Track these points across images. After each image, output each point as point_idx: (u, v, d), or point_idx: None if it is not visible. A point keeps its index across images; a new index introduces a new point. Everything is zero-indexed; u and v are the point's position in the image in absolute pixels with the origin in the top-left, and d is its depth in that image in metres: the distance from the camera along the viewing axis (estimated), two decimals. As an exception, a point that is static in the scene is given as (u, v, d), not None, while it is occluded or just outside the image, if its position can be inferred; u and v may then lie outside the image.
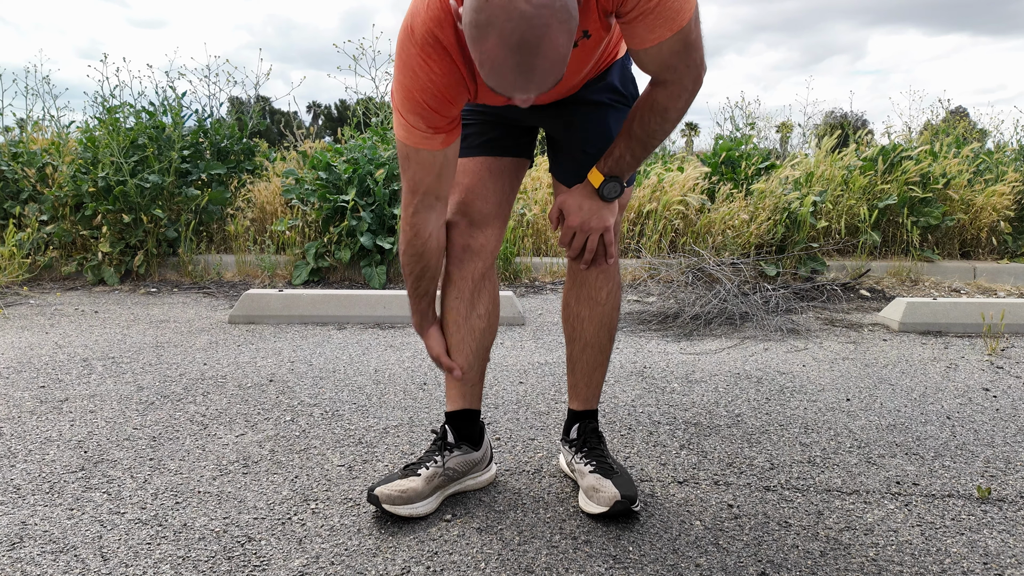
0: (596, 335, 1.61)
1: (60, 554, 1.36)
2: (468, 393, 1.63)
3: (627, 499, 1.47)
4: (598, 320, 1.59)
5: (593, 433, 1.65)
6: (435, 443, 1.62)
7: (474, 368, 1.60)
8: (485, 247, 1.54)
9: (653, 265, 4.57)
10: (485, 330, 1.59)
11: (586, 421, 1.66)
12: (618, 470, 1.57)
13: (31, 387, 2.37)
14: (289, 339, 3.07)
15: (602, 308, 1.58)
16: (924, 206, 5.08)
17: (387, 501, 1.46)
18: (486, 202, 1.53)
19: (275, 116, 12.76)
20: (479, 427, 1.65)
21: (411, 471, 1.54)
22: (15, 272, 4.25)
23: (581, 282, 1.57)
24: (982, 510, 1.59)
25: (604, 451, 1.63)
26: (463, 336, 1.57)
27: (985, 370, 2.73)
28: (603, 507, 1.47)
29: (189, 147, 4.81)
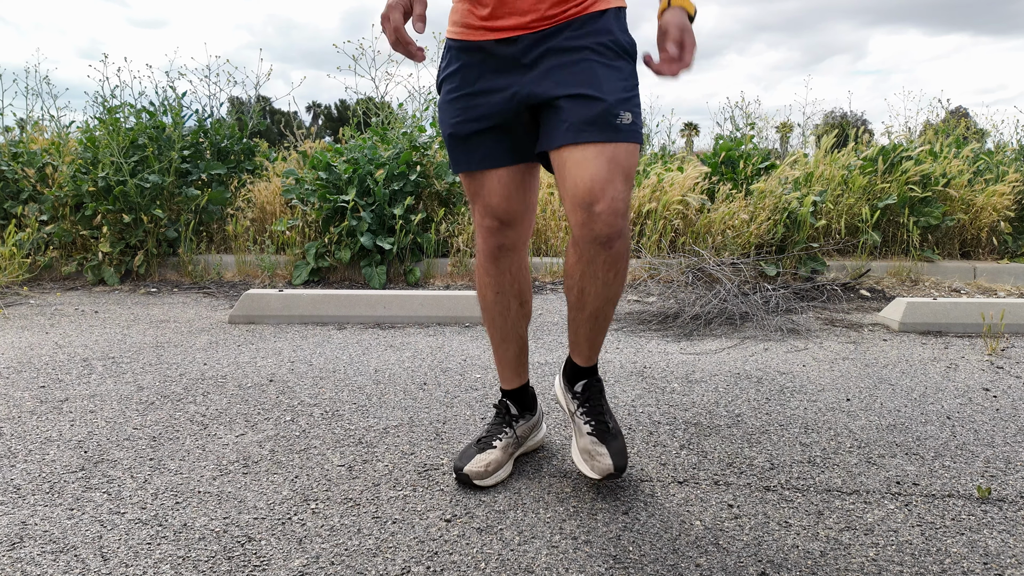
0: (603, 308, 1.57)
1: (60, 554, 1.36)
2: (521, 371, 1.79)
3: (619, 470, 1.57)
4: (604, 296, 1.54)
5: (597, 391, 1.70)
6: (499, 416, 1.77)
7: (524, 350, 1.77)
8: (517, 242, 1.65)
9: (653, 265, 4.57)
10: (527, 315, 1.75)
11: (591, 378, 1.70)
12: (614, 432, 1.64)
13: (31, 387, 2.37)
14: (289, 339, 3.07)
15: (609, 287, 1.53)
16: (924, 206, 5.08)
17: (477, 477, 1.62)
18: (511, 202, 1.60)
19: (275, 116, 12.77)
20: (531, 394, 1.82)
21: (486, 444, 1.69)
22: (15, 272, 4.25)
23: (589, 261, 1.48)
24: (982, 510, 1.59)
25: (603, 408, 1.69)
26: (510, 329, 1.72)
27: (985, 370, 2.73)
28: (596, 475, 1.57)
29: (189, 147, 4.81)
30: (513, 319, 1.71)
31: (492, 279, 1.67)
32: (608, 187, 1.38)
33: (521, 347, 1.76)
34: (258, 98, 5.78)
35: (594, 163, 1.39)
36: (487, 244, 1.64)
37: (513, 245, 1.64)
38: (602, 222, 1.40)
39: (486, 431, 1.75)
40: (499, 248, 1.64)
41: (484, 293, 1.70)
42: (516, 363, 1.77)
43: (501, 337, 1.74)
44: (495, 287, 1.68)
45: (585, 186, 1.39)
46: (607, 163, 1.39)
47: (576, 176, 1.40)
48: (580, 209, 1.41)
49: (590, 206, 1.39)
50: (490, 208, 1.60)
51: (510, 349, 1.75)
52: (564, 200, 1.46)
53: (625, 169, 1.41)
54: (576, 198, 1.41)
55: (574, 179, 1.41)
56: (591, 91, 1.41)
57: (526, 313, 1.73)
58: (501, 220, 1.61)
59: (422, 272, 4.56)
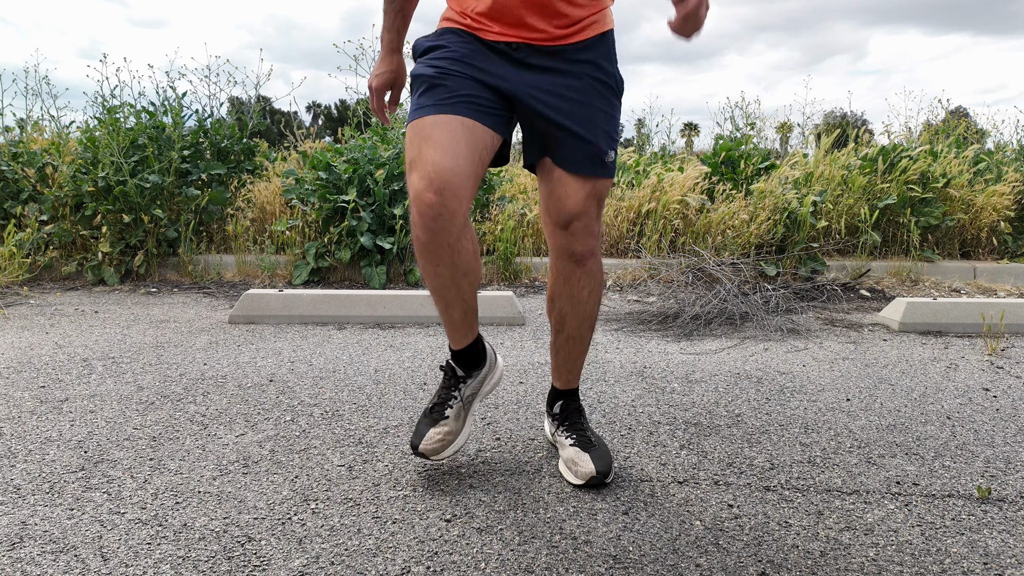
0: (578, 329, 1.74)
1: (60, 554, 1.36)
2: (468, 331, 1.72)
3: (601, 474, 1.64)
4: (580, 316, 1.72)
5: (575, 410, 1.81)
6: (447, 379, 1.76)
7: (470, 312, 1.68)
8: (458, 211, 1.44)
9: (653, 265, 4.57)
10: (472, 283, 1.60)
11: (569, 399, 1.82)
12: (596, 443, 1.73)
13: (31, 387, 2.37)
14: (289, 339, 3.07)
15: (584, 305, 1.70)
16: (924, 206, 5.08)
17: (434, 453, 1.64)
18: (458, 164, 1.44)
19: (275, 116, 12.76)
20: (480, 347, 1.78)
21: (438, 414, 1.70)
22: (15, 272, 4.25)
23: (565, 279, 1.68)
24: (982, 510, 1.59)
25: (583, 425, 1.78)
26: (454, 296, 1.60)
27: (985, 370, 2.73)
28: (580, 480, 1.65)
29: (189, 147, 4.81)
30: (457, 286, 1.58)
31: (431, 252, 1.49)
32: (585, 215, 1.61)
33: (466, 311, 1.66)
34: (258, 98, 5.78)
35: (579, 193, 1.59)
36: (423, 217, 1.43)
37: (452, 215, 1.43)
38: (576, 238, 1.62)
39: (437, 397, 1.73)
40: (435, 220, 1.43)
41: (424, 264, 1.53)
42: (462, 324, 1.69)
43: (445, 303, 1.63)
44: (434, 260, 1.50)
45: (568, 208, 1.60)
46: (588, 195, 1.60)
47: (561, 201, 1.60)
48: (557, 224, 1.62)
49: (568, 222, 1.61)
50: (430, 165, 1.41)
51: (455, 313, 1.65)
52: (546, 217, 1.65)
53: (600, 199, 1.64)
54: (557, 220, 1.62)
55: (559, 198, 1.61)
56: (588, 135, 1.57)
57: (471, 280, 1.59)
58: (438, 189, 1.41)
59: (422, 272, 4.56)
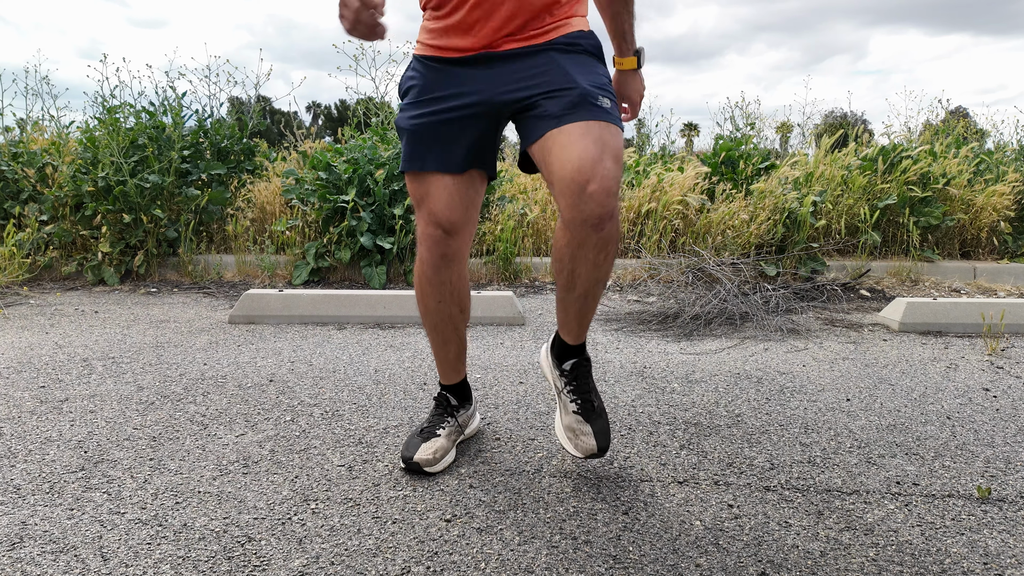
0: (593, 288, 1.55)
1: (60, 554, 1.36)
2: (460, 368, 1.87)
3: (602, 451, 1.65)
4: (595, 277, 1.53)
5: (585, 370, 1.74)
6: (440, 407, 1.85)
7: (462, 349, 1.83)
8: (459, 251, 1.66)
9: (653, 265, 4.57)
10: (466, 319, 1.79)
11: (581, 356, 1.73)
12: (599, 411, 1.69)
13: (31, 387, 2.37)
14: (289, 339, 3.07)
15: (599, 269, 1.51)
16: (924, 206, 5.08)
17: (427, 464, 1.69)
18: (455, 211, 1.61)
19: (275, 116, 12.77)
20: (468, 387, 1.92)
21: (430, 433, 1.77)
22: (15, 272, 4.25)
23: (580, 244, 1.44)
24: (982, 510, 1.59)
25: (590, 387, 1.72)
26: (451, 333, 1.77)
27: (985, 370, 2.73)
28: (580, 453, 1.65)
29: (189, 147, 4.81)
30: (454, 323, 1.76)
31: (434, 288, 1.69)
32: (598, 166, 1.33)
33: (460, 347, 1.81)
34: (258, 98, 5.78)
35: (581, 142, 1.35)
36: (431, 254, 1.64)
37: (455, 255, 1.65)
38: (595, 202, 1.34)
39: (428, 422, 1.82)
40: (442, 258, 1.64)
41: (426, 301, 1.72)
42: (456, 362, 1.84)
43: (443, 340, 1.79)
44: (436, 296, 1.70)
45: (574, 166, 1.33)
46: (594, 142, 1.35)
47: (564, 158, 1.35)
48: (571, 190, 1.35)
49: (582, 187, 1.33)
50: (435, 215, 1.60)
51: (451, 350, 1.81)
52: (552, 185, 1.40)
53: (613, 148, 1.37)
54: (565, 180, 1.35)
55: (561, 161, 1.36)
56: (565, 83, 1.42)
57: (465, 318, 1.78)
58: (445, 229, 1.61)
59: (422, 272, 4.56)
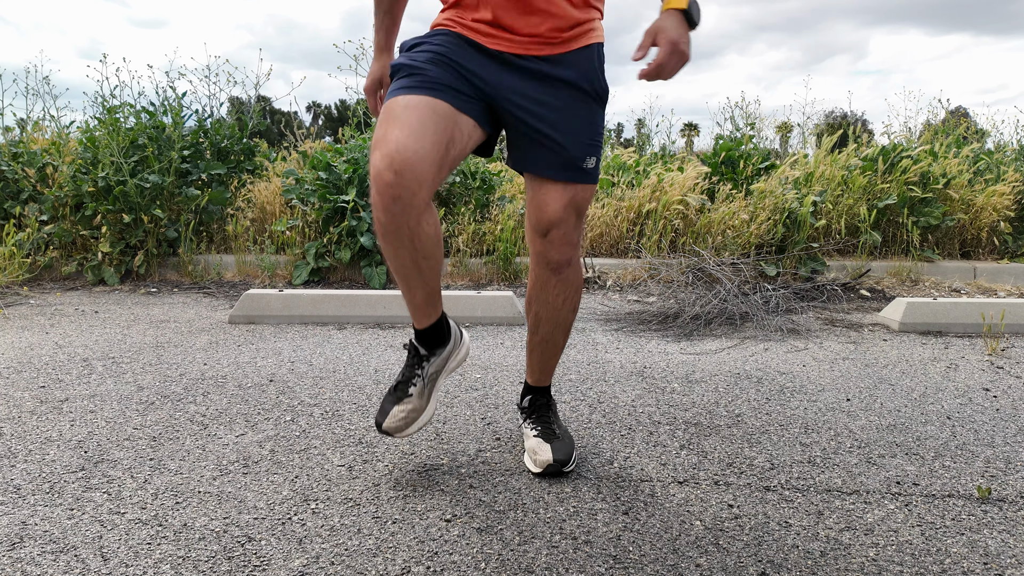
0: (552, 333, 1.77)
1: (60, 554, 1.36)
2: (431, 311, 1.66)
3: (559, 463, 1.69)
4: (554, 321, 1.75)
5: (542, 405, 1.86)
6: (411, 358, 1.73)
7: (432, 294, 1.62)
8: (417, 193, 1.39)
9: (653, 265, 4.57)
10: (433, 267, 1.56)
11: (537, 395, 1.87)
12: (560, 435, 1.78)
13: (31, 387, 2.37)
14: (289, 339, 3.07)
15: (558, 312, 1.74)
16: (924, 206, 5.08)
17: (398, 431, 1.66)
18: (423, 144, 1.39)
19: (275, 116, 12.77)
20: (444, 326, 1.72)
21: (402, 392, 1.69)
22: (15, 272, 4.25)
23: (542, 285, 1.70)
24: (982, 510, 1.59)
25: (550, 419, 1.82)
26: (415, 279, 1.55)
27: (985, 370, 2.73)
28: (538, 468, 1.71)
29: (189, 147, 4.81)
30: (419, 269, 1.53)
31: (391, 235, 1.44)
32: (565, 217, 1.60)
33: (429, 292, 1.61)
34: (258, 98, 5.78)
35: (558, 201, 1.59)
36: (381, 197, 1.38)
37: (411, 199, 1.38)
38: (553, 247, 1.63)
39: (401, 376, 1.71)
40: (394, 202, 1.38)
41: (383, 244, 1.49)
42: (425, 305, 1.64)
43: (407, 285, 1.58)
44: (393, 242, 1.46)
45: (547, 218, 1.60)
46: (567, 203, 1.60)
47: (539, 204, 1.61)
48: (537, 232, 1.63)
49: (547, 230, 1.61)
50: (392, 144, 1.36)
51: (417, 295, 1.61)
52: (527, 222, 1.66)
53: (580, 208, 1.62)
54: (537, 227, 1.63)
55: (537, 206, 1.61)
56: (564, 139, 1.56)
57: (433, 264, 1.54)
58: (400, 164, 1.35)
59: (422, 272, 4.56)
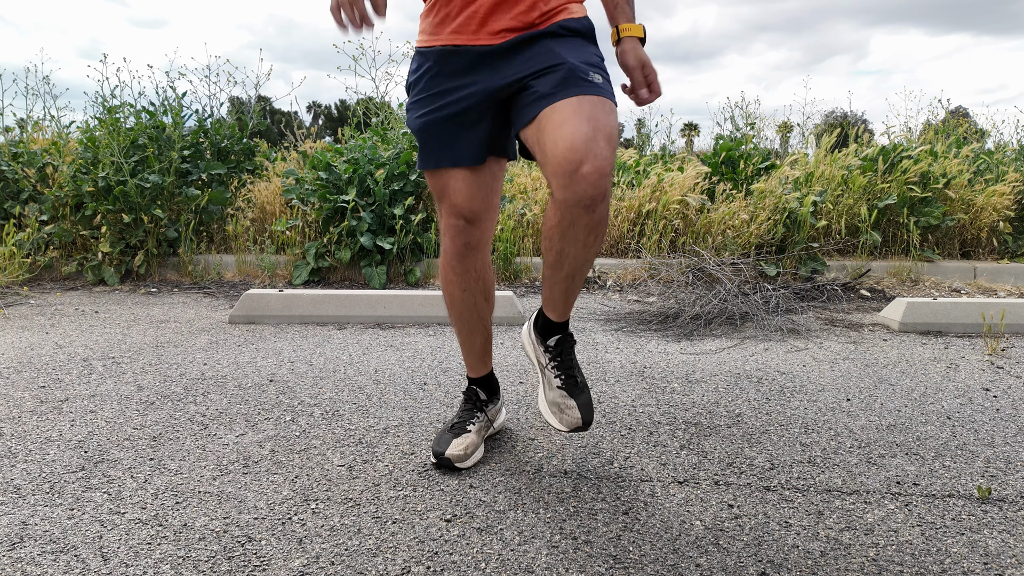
0: (579, 269, 1.57)
1: (60, 554, 1.36)
2: (487, 359, 1.88)
3: (586, 424, 1.65)
4: (583, 258, 1.54)
5: (569, 346, 1.75)
6: (469, 402, 1.86)
7: (488, 340, 1.84)
8: (482, 240, 1.69)
9: (653, 265, 4.57)
10: (491, 307, 1.81)
11: (565, 333, 1.74)
12: (582, 385, 1.70)
13: (31, 387, 2.37)
14: (289, 339, 3.07)
15: (589, 250, 1.52)
16: (924, 206, 5.08)
17: (458, 460, 1.71)
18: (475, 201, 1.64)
19: (275, 116, 12.78)
20: (495, 380, 1.93)
21: (461, 429, 1.79)
22: (15, 272, 4.25)
23: (571, 223, 1.43)
24: (982, 510, 1.59)
25: (574, 363, 1.73)
26: (477, 322, 1.78)
27: (985, 370, 2.73)
28: (564, 427, 1.66)
29: (189, 147, 4.81)
30: (479, 312, 1.78)
31: (459, 277, 1.71)
32: (592, 145, 1.32)
33: (487, 337, 1.83)
34: (258, 98, 5.78)
35: (573, 120, 1.33)
36: (454, 243, 1.67)
37: (478, 243, 1.68)
38: (587, 183, 1.33)
39: (458, 417, 1.84)
40: (465, 247, 1.67)
41: (451, 290, 1.75)
42: (482, 352, 1.85)
43: (469, 330, 1.80)
44: (462, 284, 1.72)
45: (567, 144, 1.32)
46: (586, 120, 1.34)
47: (556, 137, 1.34)
48: (563, 171, 1.34)
49: (575, 167, 1.32)
50: (455, 207, 1.63)
51: (477, 340, 1.82)
52: (545, 166, 1.39)
53: (606, 128, 1.35)
54: (558, 160, 1.34)
55: (554, 140, 1.34)
56: (554, 60, 1.44)
57: (491, 306, 1.80)
58: (467, 219, 1.64)
59: (422, 272, 4.57)
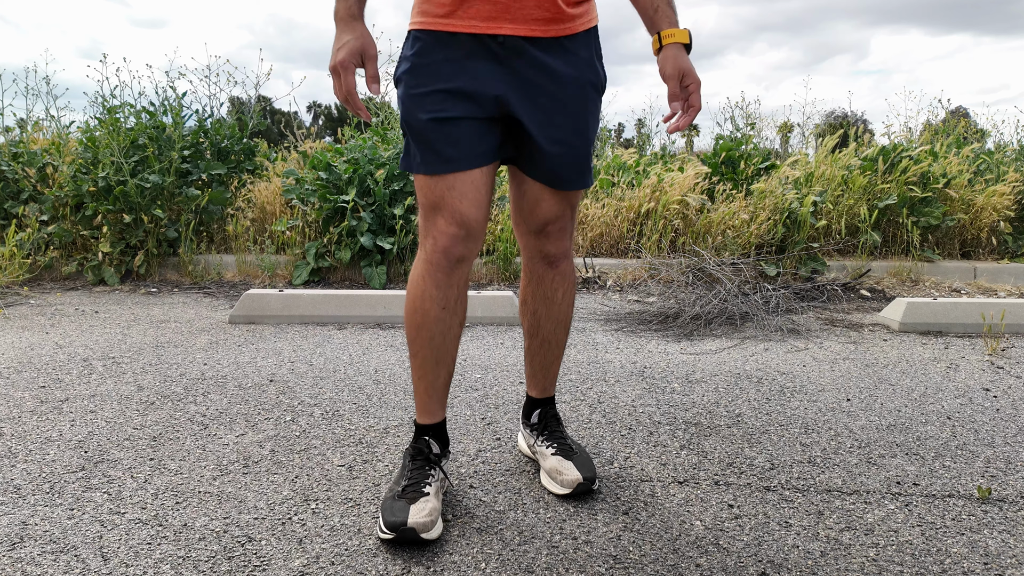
0: (554, 332, 1.68)
1: (60, 554, 1.36)
2: (444, 400, 1.59)
3: (588, 480, 1.57)
4: (554, 318, 1.67)
5: (553, 418, 1.74)
6: (420, 459, 1.54)
7: (450, 377, 1.58)
8: (475, 252, 1.51)
9: (653, 265, 4.57)
10: (458, 338, 1.57)
11: (546, 407, 1.74)
12: (577, 450, 1.67)
13: (31, 387, 2.37)
14: (289, 339, 3.07)
15: (558, 307, 1.66)
16: (924, 206, 5.08)
17: (425, 529, 1.38)
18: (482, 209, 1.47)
19: (275, 116, 12.78)
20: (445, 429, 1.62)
21: (415, 492, 1.46)
22: (15, 272, 4.25)
23: (538, 281, 1.64)
24: (982, 510, 1.59)
25: (563, 433, 1.72)
26: (447, 350, 1.53)
27: (985, 370, 2.73)
28: (566, 489, 1.58)
29: (189, 147, 4.81)
30: (453, 338, 1.53)
31: (441, 292, 1.47)
32: (559, 218, 1.57)
33: (451, 372, 1.57)
34: (258, 98, 5.78)
35: (553, 201, 1.55)
36: (447, 256, 1.45)
37: (470, 257, 1.49)
38: (551, 243, 1.59)
39: (408, 478, 1.50)
40: (459, 260, 1.46)
41: (426, 308, 1.49)
42: (444, 390, 1.58)
43: (436, 360, 1.53)
44: (441, 302, 1.48)
45: (543, 216, 1.56)
46: (563, 202, 1.56)
47: (535, 207, 1.56)
48: (531, 233, 1.59)
49: (542, 228, 1.57)
50: (459, 216, 1.43)
51: (442, 374, 1.55)
52: (519, 221, 1.60)
53: (575, 206, 1.60)
54: (530, 224, 1.58)
55: (532, 208, 1.56)
56: (575, 149, 1.50)
57: (460, 334, 1.57)
58: (468, 229, 1.44)
59: (422, 272, 4.56)
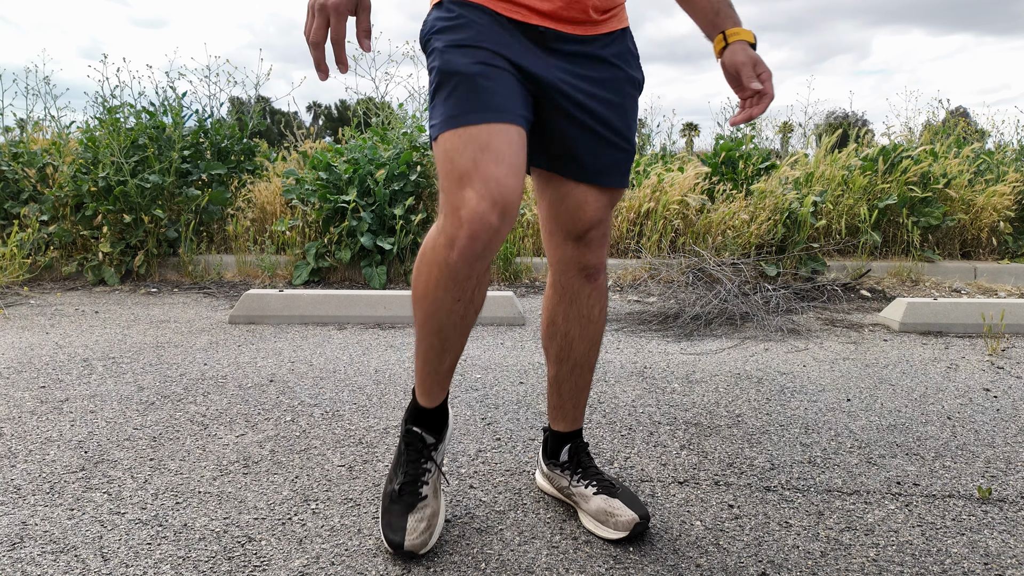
0: (587, 355, 1.49)
1: (60, 554, 1.36)
2: (447, 383, 1.46)
3: (644, 519, 1.41)
4: (590, 339, 1.48)
5: (584, 452, 1.56)
6: (412, 451, 1.45)
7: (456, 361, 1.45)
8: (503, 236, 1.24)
9: (653, 265, 4.57)
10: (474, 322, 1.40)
11: (576, 441, 1.56)
12: (618, 485, 1.50)
13: (31, 387, 2.37)
14: (289, 339, 3.07)
15: (594, 326, 1.47)
16: (924, 206, 5.08)
17: (423, 546, 1.34)
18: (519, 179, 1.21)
19: (275, 116, 12.77)
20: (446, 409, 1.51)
21: (412, 497, 1.40)
22: (16, 272, 4.25)
23: (572, 298, 1.45)
24: (983, 510, 1.59)
25: (597, 467, 1.55)
26: (457, 339, 1.38)
27: (986, 370, 2.73)
28: (622, 532, 1.41)
29: (189, 147, 4.81)
30: (465, 327, 1.36)
31: (457, 285, 1.26)
32: (602, 223, 1.42)
33: (457, 357, 1.42)
34: (258, 98, 5.78)
35: (599, 201, 1.40)
36: (472, 243, 1.18)
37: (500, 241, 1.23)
38: (592, 252, 1.42)
39: (404, 475, 1.43)
40: (485, 248, 1.20)
41: (439, 297, 1.29)
42: (448, 374, 1.44)
43: (442, 347, 1.37)
44: (456, 294, 1.28)
45: (587, 220, 1.40)
46: (608, 203, 1.42)
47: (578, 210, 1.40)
48: (570, 241, 1.42)
49: (584, 235, 1.41)
50: (492, 183, 1.16)
51: (447, 360, 1.40)
52: (554, 230, 1.44)
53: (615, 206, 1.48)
54: (572, 231, 1.42)
55: (575, 211, 1.40)
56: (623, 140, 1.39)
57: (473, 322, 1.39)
58: (504, 205, 1.17)
59: (422, 272, 4.56)
